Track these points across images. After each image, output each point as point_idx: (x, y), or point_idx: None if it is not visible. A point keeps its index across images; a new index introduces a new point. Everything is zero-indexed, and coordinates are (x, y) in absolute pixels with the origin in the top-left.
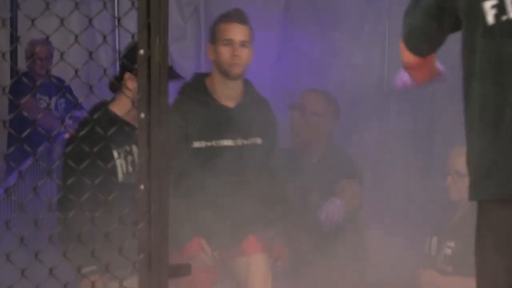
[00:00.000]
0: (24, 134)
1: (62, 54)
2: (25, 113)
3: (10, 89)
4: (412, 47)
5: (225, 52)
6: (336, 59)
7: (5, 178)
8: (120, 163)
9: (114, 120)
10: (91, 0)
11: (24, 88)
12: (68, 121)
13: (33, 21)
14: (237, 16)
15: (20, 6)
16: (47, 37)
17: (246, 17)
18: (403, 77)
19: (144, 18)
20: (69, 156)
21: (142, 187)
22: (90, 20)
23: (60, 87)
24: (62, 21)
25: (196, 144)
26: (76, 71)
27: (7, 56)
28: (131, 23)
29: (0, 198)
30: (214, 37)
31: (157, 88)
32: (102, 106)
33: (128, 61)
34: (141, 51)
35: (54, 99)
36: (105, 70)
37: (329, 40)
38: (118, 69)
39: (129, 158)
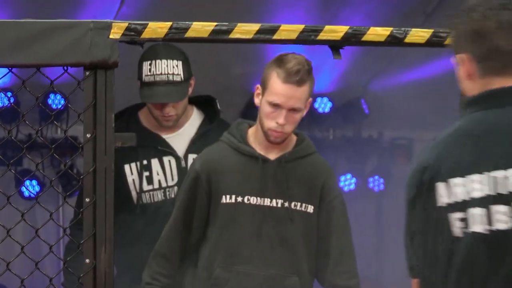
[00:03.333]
0: None
1: (8, 265)
2: None
3: None
4: None
5: (269, 114)
6: None
7: None
8: (132, 181)
9: (136, 127)
10: (36, 210)
11: None
12: None
13: None
14: (298, 74)
15: None
16: None
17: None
18: None
19: (90, 228)
20: None
21: None
22: (37, 231)
23: None
24: (8, 231)
25: (225, 199)
26: (22, 281)
27: None
28: None
29: None
30: (265, 83)
31: None
32: (130, 110)
33: None
34: (87, 261)
35: None
36: (51, 280)
37: None
38: None
39: (145, 173)
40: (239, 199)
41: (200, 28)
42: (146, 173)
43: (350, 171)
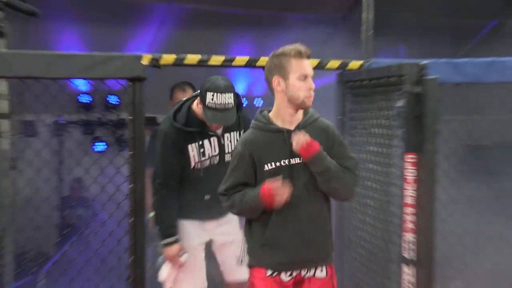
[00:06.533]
0: None
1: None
2: None
3: None
4: None
5: (302, 86)
6: None
7: None
8: (192, 155)
9: (194, 118)
10: (103, 160)
11: None
12: None
13: None
14: (307, 52)
15: None
16: None
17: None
18: None
19: (133, 168)
20: (161, 149)
21: None
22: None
23: None
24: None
25: (267, 167)
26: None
27: None
28: None
29: None
30: (284, 71)
31: None
32: (185, 105)
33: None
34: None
35: None
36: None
37: None
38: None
39: (201, 150)
40: (277, 164)
41: (192, 58)
42: (201, 150)
43: None
